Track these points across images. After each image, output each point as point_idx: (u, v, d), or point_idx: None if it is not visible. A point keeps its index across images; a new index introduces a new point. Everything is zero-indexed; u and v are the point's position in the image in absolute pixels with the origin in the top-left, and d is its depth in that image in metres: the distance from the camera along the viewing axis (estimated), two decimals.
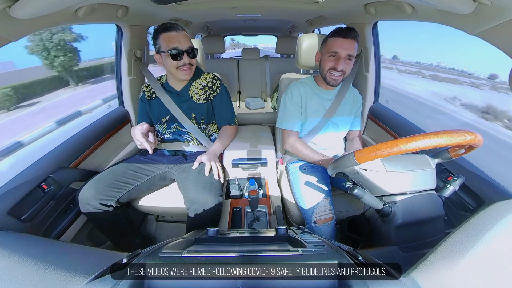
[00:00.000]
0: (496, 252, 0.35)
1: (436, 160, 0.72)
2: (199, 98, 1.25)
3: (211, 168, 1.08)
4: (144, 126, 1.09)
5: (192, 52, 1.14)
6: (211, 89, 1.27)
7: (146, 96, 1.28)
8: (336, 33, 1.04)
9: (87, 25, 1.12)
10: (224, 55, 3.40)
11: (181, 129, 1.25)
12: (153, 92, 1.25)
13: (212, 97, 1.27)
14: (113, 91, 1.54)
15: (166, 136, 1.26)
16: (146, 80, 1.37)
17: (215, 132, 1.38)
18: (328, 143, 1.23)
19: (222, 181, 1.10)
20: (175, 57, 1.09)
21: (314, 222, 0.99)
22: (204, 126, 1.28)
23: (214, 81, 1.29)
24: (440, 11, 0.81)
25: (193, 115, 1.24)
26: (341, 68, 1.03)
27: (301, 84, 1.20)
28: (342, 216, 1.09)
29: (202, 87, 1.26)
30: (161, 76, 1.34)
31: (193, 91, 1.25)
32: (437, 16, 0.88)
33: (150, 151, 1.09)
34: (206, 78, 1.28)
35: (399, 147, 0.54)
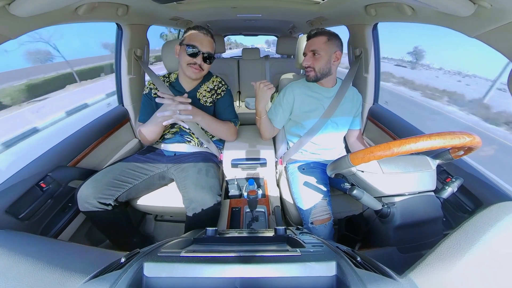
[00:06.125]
0: (493, 253, 0.36)
1: (437, 161, 0.72)
2: (205, 101, 1.25)
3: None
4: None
5: (208, 58, 1.14)
6: (216, 92, 1.27)
7: (153, 93, 1.23)
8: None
9: None
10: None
11: (184, 129, 1.25)
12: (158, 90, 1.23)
13: (216, 99, 1.28)
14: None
15: (167, 135, 1.26)
16: (148, 78, 1.32)
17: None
18: (328, 143, 1.24)
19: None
20: (191, 53, 1.10)
21: (311, 223, 0.99)
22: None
23: (221, 85, 1.30)
24: (440, 13, 0.81)
25: None
26: (306, 64, 1.14)
27: (297, 85, 1.22)
28: (341, 216, 1.10)
29: (209, 90, 1.27)
30: (170, 73, 1.30)
31: (201, 93, 1.25)
32: (436, 18, 0.88)
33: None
34: (213, 81, 1.29)
35: (391, 150, 0.55)
